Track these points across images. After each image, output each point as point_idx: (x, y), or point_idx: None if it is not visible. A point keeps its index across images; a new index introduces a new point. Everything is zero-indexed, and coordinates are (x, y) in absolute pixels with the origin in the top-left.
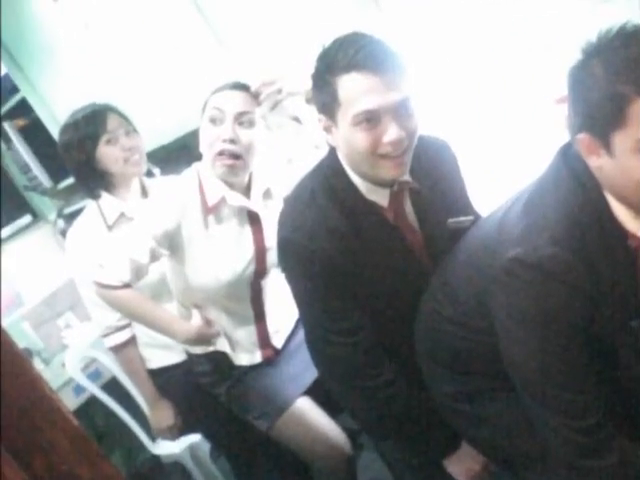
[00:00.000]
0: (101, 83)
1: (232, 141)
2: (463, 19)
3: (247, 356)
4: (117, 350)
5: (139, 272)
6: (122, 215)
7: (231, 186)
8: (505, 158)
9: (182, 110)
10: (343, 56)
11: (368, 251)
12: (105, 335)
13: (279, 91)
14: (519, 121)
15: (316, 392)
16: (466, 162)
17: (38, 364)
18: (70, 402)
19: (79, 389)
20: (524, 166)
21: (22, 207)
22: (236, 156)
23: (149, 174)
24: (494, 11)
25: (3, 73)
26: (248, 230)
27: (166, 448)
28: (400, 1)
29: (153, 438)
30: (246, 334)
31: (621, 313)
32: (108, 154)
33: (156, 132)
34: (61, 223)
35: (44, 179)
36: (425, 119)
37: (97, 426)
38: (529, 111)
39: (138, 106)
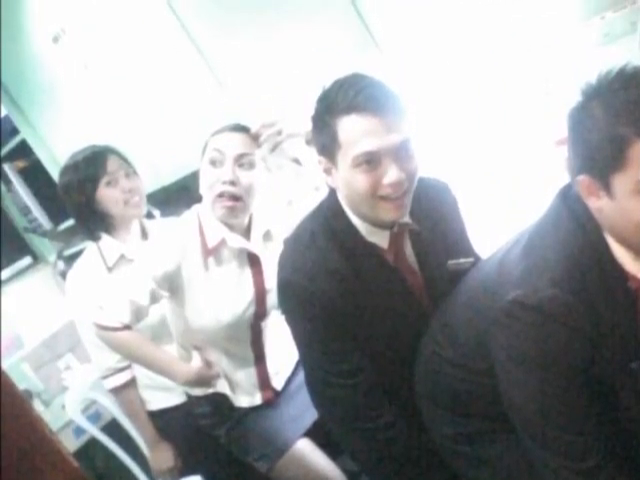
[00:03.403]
0: (101, 125)
1: (232, 183)
2: (464, 62)
3: (247, 398)
4: (117, 392)
5: (139, 314)
6: (122, 257)
7: (231, 228)
8: (505, 200)
9: (182, 152)
10: (343, 98)
11: (368, 293)
12: (105, 377)
13: (279, 133)
14: (519, 163)
15: (316, 434)
16: (466, 204)
17: (38, 406)
18: (70, 444)
19: (79, 431)
20: (524, 208)
21: (22, 249)
22: (236, 198)
23: (149, 216)
24: (494, 56)
25: (3, 115)
26: (248, 272)
27: None
28: (400, 43)
29: None
30: (246, 376)
31: (621, 355)
32: (108, 196)
33: (156, 174)
34: (61, 265)
35: (44, 221)
36: (425, 161)
37: (97, 468)
38: (529, 153)
39: (138, 148)
